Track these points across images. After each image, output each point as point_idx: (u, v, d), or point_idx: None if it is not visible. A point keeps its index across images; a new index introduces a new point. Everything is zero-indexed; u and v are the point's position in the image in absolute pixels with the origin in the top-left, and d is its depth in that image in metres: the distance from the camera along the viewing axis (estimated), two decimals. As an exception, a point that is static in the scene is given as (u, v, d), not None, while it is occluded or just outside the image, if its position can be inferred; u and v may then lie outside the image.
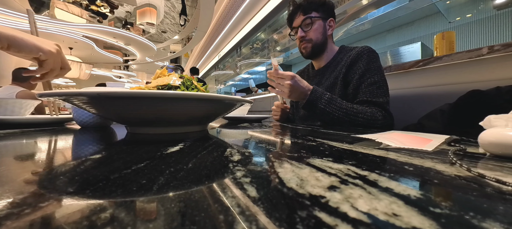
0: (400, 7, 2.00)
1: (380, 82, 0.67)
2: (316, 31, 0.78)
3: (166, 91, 0.28)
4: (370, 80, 0.67)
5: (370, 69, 0.68)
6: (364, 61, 0.69)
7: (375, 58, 0.70)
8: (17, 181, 0.13)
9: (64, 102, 0.38)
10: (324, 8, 0.78)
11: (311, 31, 0.78)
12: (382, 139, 0.29)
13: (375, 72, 0.67)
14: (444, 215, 0.09)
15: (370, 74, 0.67)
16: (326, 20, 0.79)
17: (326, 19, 0.79)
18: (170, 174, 0.14)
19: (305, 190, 0.12)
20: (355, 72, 0.70)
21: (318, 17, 0.78)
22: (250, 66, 4.65)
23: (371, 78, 0.67)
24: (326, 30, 0.79)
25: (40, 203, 0.10)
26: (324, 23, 0.79)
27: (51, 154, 0.22)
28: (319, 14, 0.78)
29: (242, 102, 0.40)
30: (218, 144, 0.27)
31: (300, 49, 0.83)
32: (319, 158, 0.19)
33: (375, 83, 0.66)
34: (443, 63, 0.81)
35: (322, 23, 0.78)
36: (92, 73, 7.04)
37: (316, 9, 0.78)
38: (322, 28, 0.79)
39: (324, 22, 0.79)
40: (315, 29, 0.78)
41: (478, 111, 0.32)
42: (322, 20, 0.78)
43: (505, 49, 0.68)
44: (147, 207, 0.10)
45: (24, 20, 4.21)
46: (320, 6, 0.78)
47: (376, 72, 0.68)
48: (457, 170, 0.16)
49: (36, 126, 0.49)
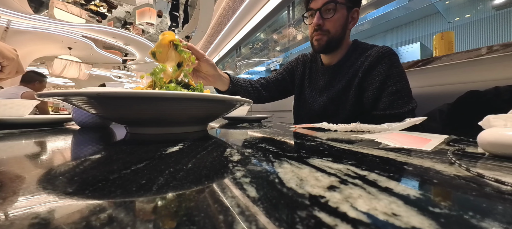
0: (399, 7, 2.00)
1: (402, 91, 0.58)
2: (337, 22, 0.63)
3: (166, 92, 0.28)
4: (391, 89, 0.58)
5: (391, 75, 0.59)
6: (385, 66, 0.59)
7: (396, 62, 0.60)
8: (16, 181, 0.13)
9: (64, 102, 0.38)
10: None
11: (331, 20, 0.63)
12: (381, 139, 0.29)
13: (397, 78, 0.59)
14: (444, 214, 0.09)
15: (392, 81, 0.58)
16: (351, 9, 0.64)
17: (351, 8, 0.64)
18: (170, 174, 0.14)
19: (304, 190, 0.12)
20: (373, 78, 0.60)
21: (344, 4, 0.62)
22: (250, 66, 4.64)
23: (393, 87, 0.58)
24: (348, 22, 0.65)
25: (39, 204, 0.10)
26: (348, 13, 0.64)
27: (50, 154, 0.22)
28: (346, 1, 0.63)
29: (242, 103, 0.40)
30: (218, 144, 0.27)
31: (311, 39, 0.68)
32: (319, 158, 0.19)
33: (396, 92, 0.58)
34: (442, 63, 0.81)
35: (346, 13, 0.63)
36: (92, 73, 7.03)
37: None
38: (345, 19, 0.64)
39: (349, 12, 0.64)
40: (337, 19, 0.63)
41: (477, 111, 0.32)
42: (347, 10, 0.63)
43: (504, 49, 0.68)
44: (146, 207, 0.10)
45: (24, 20, 4.20)
46: None
47: (398, 79, 0.59)
48: (456, 170, 0.16)
49: (35, 126, 0.49)
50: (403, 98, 0.58)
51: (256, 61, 4.38)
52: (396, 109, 0.57)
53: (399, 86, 0.58)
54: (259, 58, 4.27)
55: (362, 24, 2.34)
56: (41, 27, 4.53)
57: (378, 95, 0.60)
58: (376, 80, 0.60)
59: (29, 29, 4.40)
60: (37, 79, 2.07)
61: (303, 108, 0.79)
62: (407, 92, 0.59)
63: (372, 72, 0.61)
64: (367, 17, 2.22)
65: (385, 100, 0.59)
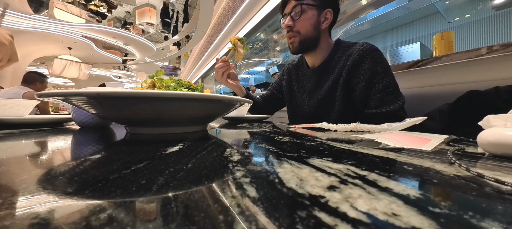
0: (399, 8, 2.01)
1: (389, 86, 0.59)
2: (307, 22, 0.67)
3: (166, 92, 0.28)
4: (378, 86, 0.60)
5: (376, 73, 0.60)
6: (369, 64, 0.61)
7: (379, 58, 0.61)
8: (16, 181, 0.13)
9: (64, 102, 0.38)
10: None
11: (300, 21, 0.67)
12: (381, 139, 0.29)
13: (382, 75, 0.60)
14: (443, 214, 0.09)
15: (378, 78, 0.60)
16: (323, 10, 0.68)
17: (322, 9, 0.68)
18: (170, 174, 0.14)
19: (304, 190, 0.12)
20: (359, 77, 0.62)
21: (313, 6, 0.67)
22: (250, 66, 4.65)
23: (380, 83, 0.59)
24: (319, 23, 0.68)
25: (39, 204, 0.10)
26: (319, 13, 0.68)
27: (50, 154, 0.22)
28: (315, 2, 0.67)
29: (242, 103, 0.40)
30: (218, 144, 0.27)
31: (288, 42, 0.73)
32: (319, 158, 0.19)
33: (384, 88, 0.59)
34: (442, 63, 0.81)
35: (315, 13, 0.67)
36: (91, 73, 7.03)
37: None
38: (315, 19, 0.67)
39: (319, 12, 0.68)
40: (306, 19, 0.67)
41: (477, 111, 0.32)
42: (317, 10, 0.67)
43: (503, 49, 0.68)
44: (146, 207, 0.10)
45: (24, 20, 4.20)
46: None
47: (384, 75, 0.60)
48: (456, 170, 0.16)
49: (35, 126, 0.49)
50: (392, 93, 0.59)
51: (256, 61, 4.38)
52: (387, 106, 0.59)
53: (386, 82, 0.60)
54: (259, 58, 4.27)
55: (362, 24, 2.35)
56: (41, 27, 4.53)
57: (367, 93, 0.61)
58: (362, 79, 0.61)
59: (29, 29, 4.40)
60: (38, 80, 2.09)
61: (296, 112, 0.83)
62: (395, 87, 0.60)
63: (356, 72, 0.62)
64: (367, 17, 2.22)
65: (375, 98, 0.60)
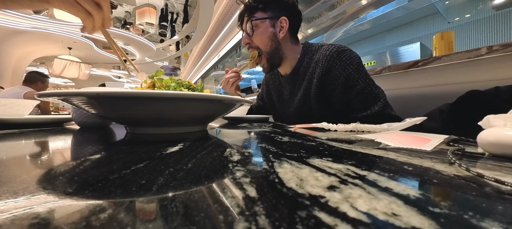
0: (399, 8, 2.01)
1: (367, 86, 0.58)
2: (261, 37, 0.65)
3: (166, 92, 0.28)
4: (356, 88, 0.58)
5: (350, 76, 0.58)
6: (339, 68, 0.59)
7: (348, 59, 0.59)
8: (15, 181, 0.13)
9: (63, 102, 0.38)
10: (272, 5, 0.65)
11: (255, 36, 0.66)
12: (381, 139, 0.29)
13: (357, 76, 0.58)
14: (443, 214, 0.09)
15: (353, 81, 0.58)
16: (276, 20, 0.65)
17: (276, 19, 0.65)
18: (170, 174, 0.14)
19: (304, 190, 0.12)
20: (333, 83, 0.59)
21: (265, 18, 0.65)
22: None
23: (357, 86, 0.58)
24: (276, 33, 0.65)
25: (39, 204, 0.10)
26: (273, 24, 0.65)
27: (50, 154, 0.22)
28: (267, 14, 0.65)
29: (242, 103, 0.40)
30: (218, 144, 0.27)
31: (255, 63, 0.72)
32: (319, 158, 0.19)
33: (363, 90, 0.58)
34: (442, 63, 0.81)
35: (268, 25, 0.65)
36: (91, 73, 7.03)
37: (263, 8, 0.65)
38: (270, 31, 0.65)
39: (273, 23, 0.65)
40: (260, 33, 0.65)
41: (477, 111, 0.32)
42: (270, 21, 0.65)
43: (504, 49, 0.68)
44: (146, 207, 0.10)
45: (24, 20, 4.20)
46: (267, 4, 0.65)
47: (358, 75, 0.58)
48: (456, 170, 0.16)
49: (35, 126, 0.49)
50: (372, 92, 0.58)
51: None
52: (372, 108, 0.58)
53: (362, 82, 0.58)
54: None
55: (362, 24, 2.34)
56: (41, 27, 4.53)
57: (347, 98, 0.60)
58: (337, 85, 0.60)
59: (29, 29, 4.39)
60: (39, 80, 2.11)
61: (283, 120, 0.83)
62: (372, 85, 0.59)
63: (328, 78, 0.60)
64: (367, 17, 2.22)
65: (356, 101, 0.59)
